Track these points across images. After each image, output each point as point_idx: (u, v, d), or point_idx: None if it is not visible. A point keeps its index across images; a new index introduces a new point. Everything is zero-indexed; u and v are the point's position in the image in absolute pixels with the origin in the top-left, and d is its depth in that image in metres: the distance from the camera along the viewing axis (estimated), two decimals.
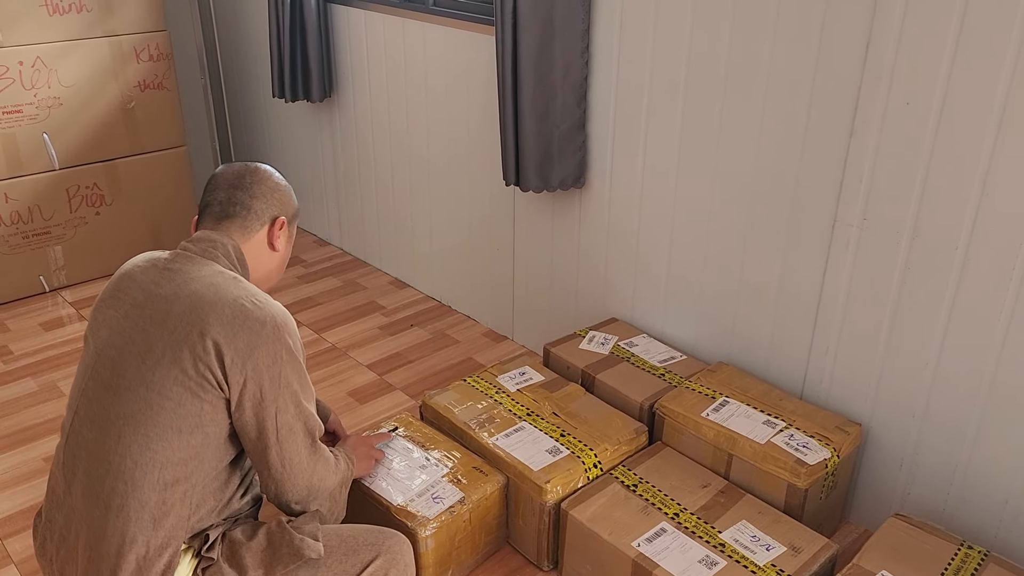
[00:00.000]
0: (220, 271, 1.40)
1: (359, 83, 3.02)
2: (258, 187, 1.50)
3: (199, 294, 1.34)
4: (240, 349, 1.32)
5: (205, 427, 1.33)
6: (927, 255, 1.72)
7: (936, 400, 1.80)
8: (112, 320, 1.38)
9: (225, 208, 1.48)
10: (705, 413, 1.92)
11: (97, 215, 3.13)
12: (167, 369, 1.30)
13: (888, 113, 1.70)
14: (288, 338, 1.37)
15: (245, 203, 1.48)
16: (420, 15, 2.66)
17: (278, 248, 1.53)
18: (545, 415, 1.99)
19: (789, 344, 2.03)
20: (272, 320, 1.35)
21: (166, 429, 1.30)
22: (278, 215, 1.52)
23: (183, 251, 1.44)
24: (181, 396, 1.30)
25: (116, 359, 1.34)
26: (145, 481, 1.30)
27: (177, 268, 1.40)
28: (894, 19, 1.64)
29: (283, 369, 1.36)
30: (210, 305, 1.33)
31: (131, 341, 1.34)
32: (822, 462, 1.78)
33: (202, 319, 1.32)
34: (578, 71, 2.22)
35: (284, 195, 1.54)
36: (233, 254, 1.45)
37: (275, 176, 1.55)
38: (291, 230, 1.57)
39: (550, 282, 2.60)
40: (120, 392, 1.32)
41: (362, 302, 3.06)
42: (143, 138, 3.16)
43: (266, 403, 1.35)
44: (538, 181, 2.31)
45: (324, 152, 3.34)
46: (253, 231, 1.49)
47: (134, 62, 3.06)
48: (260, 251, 1.51)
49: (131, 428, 1.30)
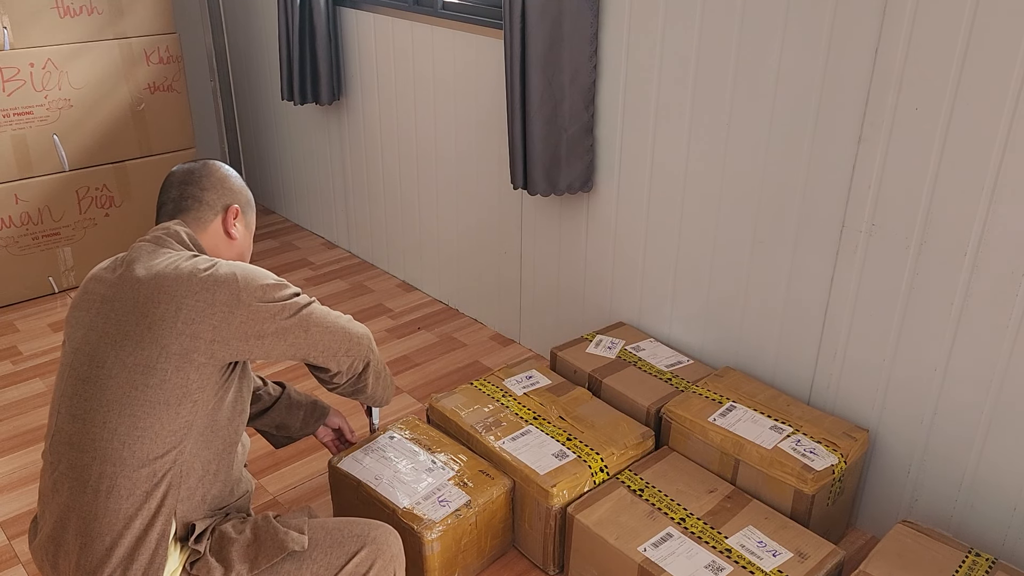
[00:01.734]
0: (177, 253, 1.43)
1: (368, 86, 3.03)
2: (207, 180, 1.53)
3: (163, 274, 1.37)
4: (222, 304, 1.34)
5: (192, 395, 1.34)
6: (935, 261, 1.72)
7: (944, 406, 1.79)
8: (83, 320, 1.40)
9: (178, 204, 1.52)
10: (712, 418, 1.92)
11: (106, 216, 3.15)
12: (148, 350, 1.32)
13: (897, 119, 1.70)
14: (259, 282, 1.40)
15: (196, 196, 1.52)
16: (429, 18, 2.67)
17: (235, 236, 1.55)
18: (552, 419, 1.99)
19: (796, 349, 2.03)
20: (240, 267, 1.40)
21: (154, 405, 1.32)
22: (230, 203, 1.55)
23: (139, 244, 1.46)
24: (165, 371, 1.32)
25: (92, 353, 1.36)
26: (134, 458, 1.31)
27: (135, 258, 1.42)
28: (903, 24, 1.63)
29: (267, 294, 1.39)
30: (175, 280, 1.35)
31: (104, 334, 1.35)
32: (829, 468, 1.77)
33: (171, 294, 1.34)
34: (586, 75, 2.22)
35: (234, 184, 1.57)
36: (187, 239, 1.48)
37: (223, 168, 1.58)
38: (247, 219, 1.59)
39: (557, 286, 2.60)
40: (100, 381, 1.33)
41: (370, 305, 3.07)
42: (152, 140, 3.18)
43: (277, 344, 1.41)
44: (546, 185, 2.31)
45: (333, 155, 3.35)
46: (207, 221, 1.52)
47: (144, 64, 3.08)
48: (218, 240, 1.53)
49: (116, 411, 1.31)
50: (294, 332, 1.43)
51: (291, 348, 1.44)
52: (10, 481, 2.18)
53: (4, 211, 2.91)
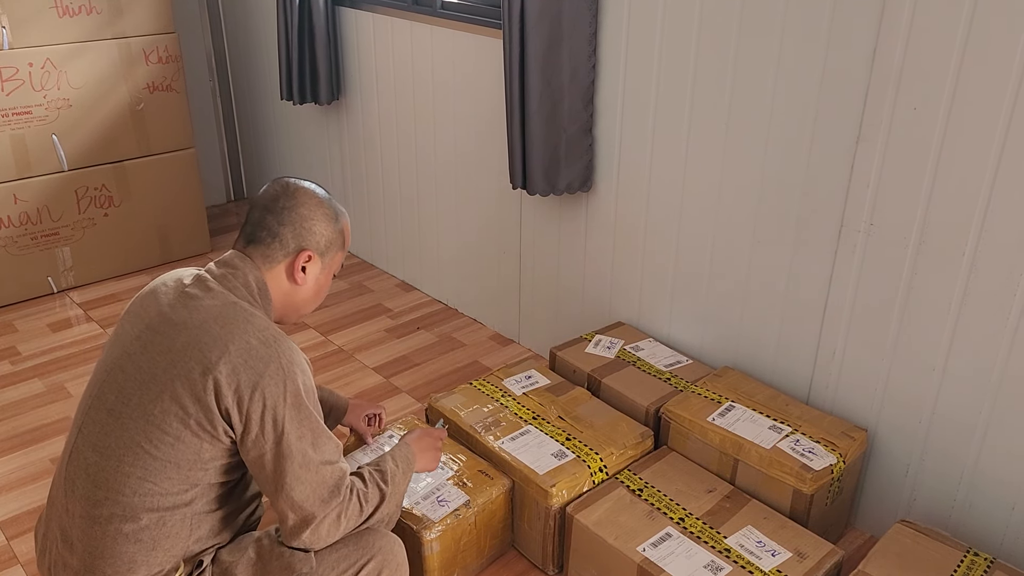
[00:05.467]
0: (234, 302, 1.36)
1: (367, 86, 3.03)
2: (289, 213, 1.42)
3: (206, 327, 1.31)
4: (242, 390, 1.28)
5: (205, 463, 1.31)
6: (934, 261, 1.72)
7: (942, 406, 1.79)
8: (126, 339, 1.37)
9: (254, 231, 1.43)
10: (711, 418, 1.92)
11: (105, 216, 3.15)
12: (167, 404, 1.28)
13: (895, 118, 1.70)
14: (293, 381, 1.31)
15: (272, 229, 1.42)
16: (428, 18, 2.67)
17: (300, 282, 1.44)
18: (551, 419, 1.99)
19: (795, 349, 2.03)
20: (277, 361, 1.30)
21: (165, 464, 1.29)
22: (304, 247, 1.43)
23: (206, 274, 1.41)
24: (180, 433, 1.28)
25: (122, 384, 1.32)
26: (144, 506, 1.29)
27: (194, 294, 1.37)
28: (901, 24, 1.63)
29: (287, 413, 1.30)
30: (214, 341, 1.29)
31: (139, 368, 1.32)
32: (828, 468, 1.77)
33: (205, 356, 1.28)
34: (585, 75, 2.22)
35: (318, 226, 1.44)
36: (254, 284, 1.40)
37: (313, 202, 1.44)
38: (325, 261, 1.47)
39: (556, 286, 2.60)
40: (122, 420, 1.30)
41: (369, 305, 3.07)
42: (152, 140, 3.18)
43: (268, 448, 1.30)
44: (545, 185, 2.31)
45: (332, 154, 3.35)
46: (275, 260, 1.42)
47: (143, 64, 3.08)
48: (281, 282, 1.44)
49: (131, 459, 1.29)
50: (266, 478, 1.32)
51: (256, 478, 1.35)
52: (9, 482, 2.18)
53: (3, 211, 2.91)
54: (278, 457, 1.31)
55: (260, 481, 1.34)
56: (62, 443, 2.31)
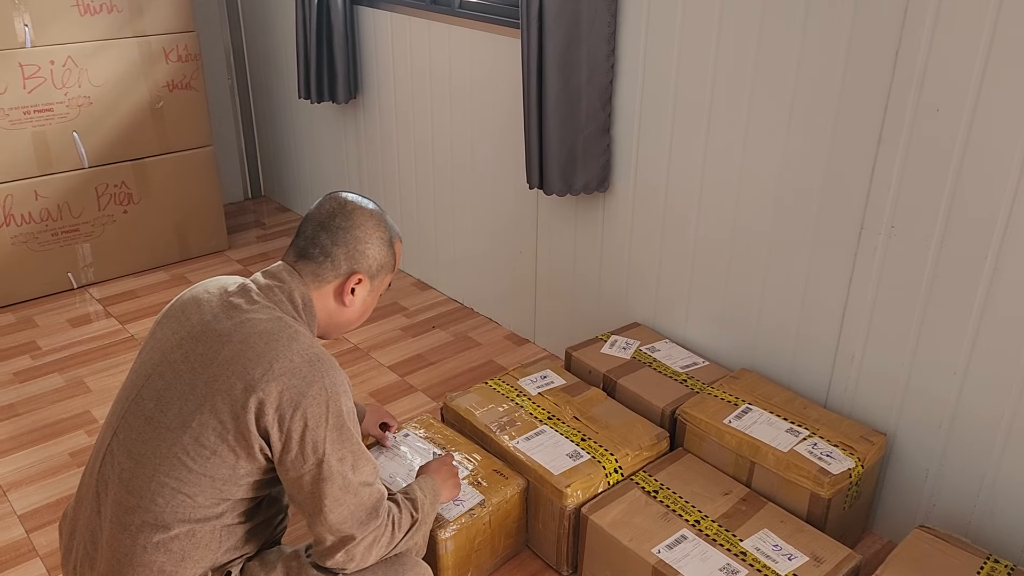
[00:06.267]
0: (279, 317, 1.34)
1: (384, 85, 3.04)
2: (344, 234, 1.40)
3: (250, 342, 1.29)
4: (284, 410, 1.27)
5: (239, 479, 1.31)
6: (955, 264, 1.70)
7: (963, 410, 1.77)
8: (167, 344, 1.36)
9: (306, 248, 1.40)
10: (727, 420, 1.91)
11: (125, 213, 3.17)
12: (206, 418, 1.27)
13: (917, 120, 1.68)
14: (336, 403, 1.30)
15: (325, 248, 1.39)
16: (446, 17, 2.67)
17: (348, 304, 1.43)
18: (566, 419, 1.99)
19: (814, 352, 2.01)
20: (321, 382, 1.29)
21: (200, 476, 1.28)
22: (356, 270, 1.41)
23: (252, 284, 1.40)
24: (217, 447, 1.28)
25: (162, 391, 1.32)
26: (175, 517, 1.29)
27: (239, 304, 1.35)
28: (925, 24, 1.62)
29: (328, 435, 1.29)
30: (258, 358, 1.28)
31: (179, 377, 1.31)
32: (846, 472, 1.76)
33: (248, 372, 1.27)
34: (603, 75, 2.22)
35: (372, 248, 1.42)
36: (299, 299, 1.38)
37: (369, 224, 1.42)
38: (376, 284, 1.46)
39: (572, 285, 2.60)
40: (160, 429, 1.30)
41: (385, 303, 3.07)
42: (171, 138, 3.20)
43: (307, 470, 1.29)
44: (561, 185, 2.30)
45: (349, 153, 3.36)
46: (326, 280, 1.40)
47: (163, 62, 3.10)
48: (328, 302, 1.42)
49: (165, 469, 1.28)
50: (305, 500, 1.31)
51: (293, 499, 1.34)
52: (29, 475, 2.20)
53: (24, 207, 2.94)
54: (318, 480, 1.29)
55: (298, 502, 1.33)
56: (81, 438, 2.33)
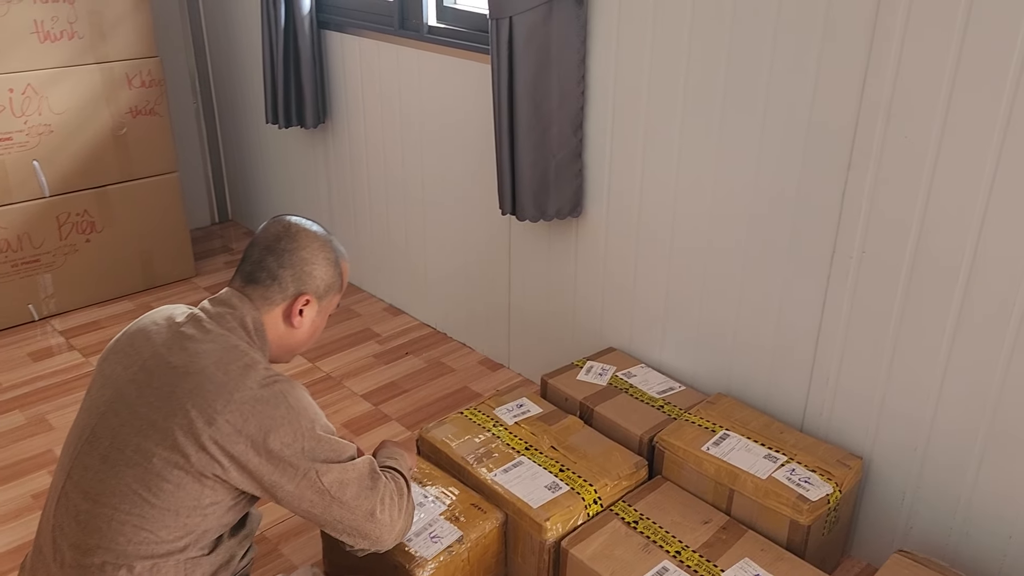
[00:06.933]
0: (234, 345, 1.33)
1: (353, 109, 3.01)
2: (290, 256, 1.41)
3: (208, 373, 1.28)
4: (254, 437, 1.26)
5: (204, 508, 1.28)
6: (927, 288, 1.71)
7: (938, 433, 1.78)
8: (119, 380, 1.33)
9: (253, 272, 1.41)
10: (706, 447, 1.90)
11: (88, 242, 3.10)
12: (168, 453, 1.25)
13: (886, 146, 1.69)
14: (307, 418, 1.31)
15: (271, 271, 1.40)
16: (415, 43, 2.66)
17: (297, 325, 1.44)
18: (544, 449, 1.97)
19: (789, 375, 2.01)
20: (285, 403, 1.30)
21: (163, 511, 1.26)
22: (303, 291, 1.42)
23: (201, 313, 1.38)
24: (181, 479, 1.25)
25: (117, 429, 1.29)
26: (138, 553, 1.26)
27: (191, 334, 1.34)
28: (891, 51, 1.63)
29: (305, 446, 1.30)
30: (218, 389, 1.27)
31: (134, 413, 1.29)
32: (824, 498, 1.76)
33: (209, 404, 1.26)
34: (574, 100, 2.21)
35: (319, 269, 1.44)
36: (251, 325, 1.38)
37: (315, 245, 1.44)
38: (324, 305, 1.47)
39: (546, 311, 2.58)
40: (117, 467, 1.27)
41: (357, 329, 3.03)
42: (134, 164, 3.14)
43: (299, 484, 1.32)
44: (534, 211, 2.29)
45: (318, 177, 3.32)
46: (274, 303, 1.41)
47: (126, 88, 3.04)
48: (277, 324, 1.43)
49: (126, 507, 1.25)
50: (315, 501, 1.35)
51: (307, 513, 1.37)
52: None
53: None
54: (318, 485, 1.33)
55: (311, 513, 1.36)
56: (43, 478, 2.26)
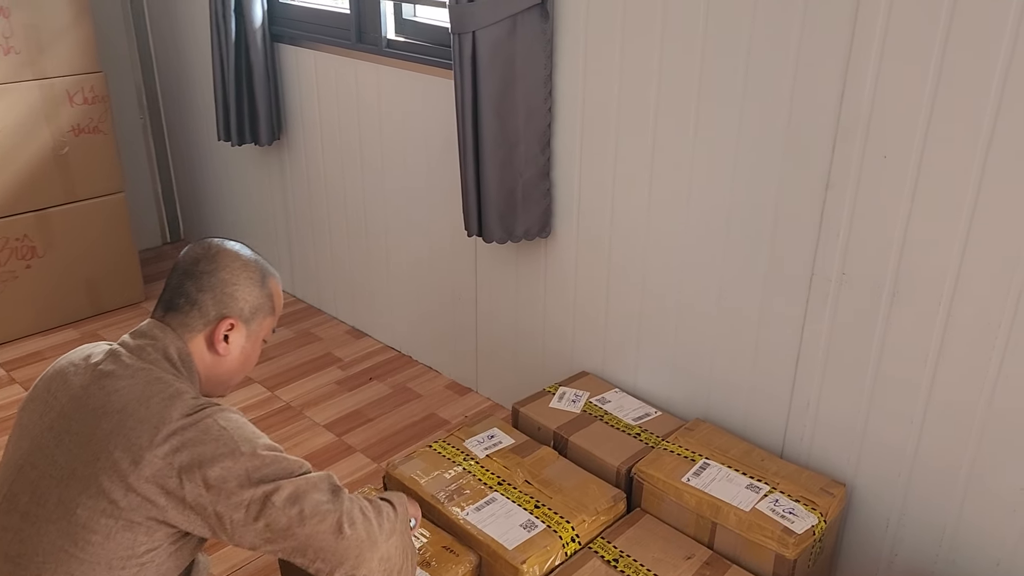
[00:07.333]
0: (157, 378, 1.24)
1: (310, 126, 2.90)
2: (208, 278, 1.32)
3: (129, 410, 1.18)
4: (189, 471, 1.16)
5: (140, 558, 1.18)
6: (909, 311, 1.67)
7: (922, 459, 1.74)
8: (35, 430, 1.23)
9: (172, 299, 1.33)
10: (686, 478, 1.83)
11: (28, 268, 2.94)
12: (94, 501, 1.15)
13: (865, 166, 1.65)
14: (240, 440, 1.21)
15: (190, 296, 1.31)
16: (373, 56, 2.56)
17: (223, 352, 1.33)
18: (518, 483, 1.88)
19: (768, 399, 1.96)
20: (218, 430, 1.20)
21: (94, 565, 1.15)
22: (226, 314, 1.33)
23: (121, 348, 1.29)
24: (110, 529, 1.15)
25: (36, 482, 1.18)
26: None
27: (111, 372, 1.24)
28: (868, 68, 1.58)
29: (249, 465, 1.19)
30: (141, 425, 1.17)
31: (53, 462, 1.18)
32: (810, 530, 1.70)
33: (133, 443, 1.16)
34: (541, 117, 2.14)
35: (241, 290, 1.34)
36: (176, 355, 1.29)
37: (235, 265, 1.35)
38: (253, 329, 1.37)
39: (515, 332, 2.50)
40: (39, 524, 1.16)
41: (318, 354, 2.92)
42: (78, 185, 2.98)
43: (249, 511, 1.19)
44: (502, 232, 2.21)
45: (274, 196, 3.19)
46: (195, 329, 1.32)
47: (68, 105, 2.89)
48: (203, 353, 1.33)
49: (52, 566, 1.15)
50: (271, 526, 1.21)
51: (266, 542, 1.23)
52: None
53: None
54: (272, 514, 1.19)
55: (263, 544, 1.22)
56: None
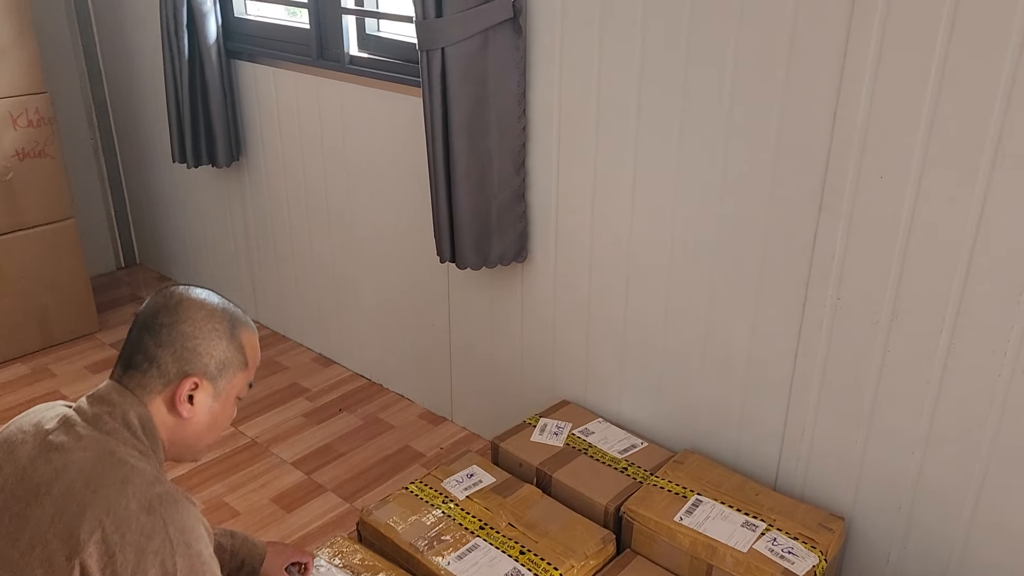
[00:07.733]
0: (110, 453, 1.11)
1: (270, 146, 2.76)
2: (168, 332, 1.18)
3: (73, 492, 1.06)
4: (123, 567, 1.04)
5: None
6: (909, 337, 1.59)
7: (924, 491, 1.66)
8: None
9: (131, 356, 1.20)
10: (678, 517, 1.73)
11: None
12: None
13: (860, 187, 1.57)
14: (186, 554, 1.09)
15: (150, 353, 1.18)
16: (335, 74, 2.43)
17: (187, 415, 1.20)
18: (500, 527, 1.77)
19: (760, 428, 1.87)
20: (164, 531, 1.07)
21: None
22: (189, 372, 1.19)
23: (76, 415, 1.16)
24: None
25: None
26: None
27: (59, 443, 1.12)
28: (863, 85, 1.50)
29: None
30: (83, 511, 1.05)
31: None
32: (811, 570, 1.61)
33: (71, 533, 1.04)
34: (515, 136, 2.03)
35: (205, 344, 1.20)
36: (136, 422, 1.16)
37: (199, 316, 1.21)
38: (222, 387, 1.23)
39: (491, 360, 2.39)
40: None
41: (283, 385, 2.78)
42: (24, 213, 2.81)
43: None
44: (476, 258, 2.10)
45: (234, 219, 3.05)
46: (154, 391, 1.18)
47: (11, 128, 2.72)
48: (165, 417, 1.20)
49: None
50: None
51: None
52: None
53: None
54: None
55: None
56: None
